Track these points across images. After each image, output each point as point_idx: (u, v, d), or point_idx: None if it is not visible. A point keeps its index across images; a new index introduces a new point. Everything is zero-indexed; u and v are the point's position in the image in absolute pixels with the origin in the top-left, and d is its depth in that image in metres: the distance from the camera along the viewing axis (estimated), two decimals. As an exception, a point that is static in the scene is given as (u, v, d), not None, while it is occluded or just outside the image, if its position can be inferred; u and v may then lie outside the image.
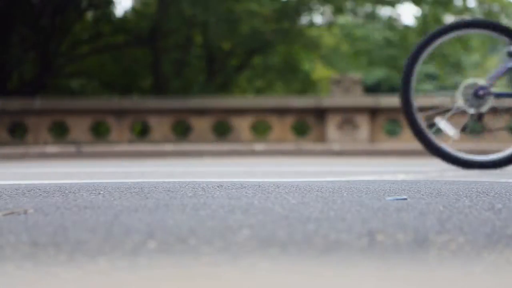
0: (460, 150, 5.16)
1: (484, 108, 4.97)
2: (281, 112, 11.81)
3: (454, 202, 2.02)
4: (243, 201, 2.01)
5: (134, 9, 19.31)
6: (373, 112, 11.85)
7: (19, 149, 10.30)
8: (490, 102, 4.99)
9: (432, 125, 5.06)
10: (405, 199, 2.14)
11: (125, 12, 19.50)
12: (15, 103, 11.77)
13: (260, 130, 12.64)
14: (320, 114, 11.72)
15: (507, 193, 2.27)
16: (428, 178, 3.95)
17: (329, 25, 20.16)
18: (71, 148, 10.28)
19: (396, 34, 18.87)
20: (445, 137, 5.05)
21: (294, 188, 2.40)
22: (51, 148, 10.37)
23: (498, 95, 5.03)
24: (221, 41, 18.04)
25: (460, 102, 5.01)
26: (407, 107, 5.01)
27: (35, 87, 15.28)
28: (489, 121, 5.15)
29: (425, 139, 5.01)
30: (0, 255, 1.40)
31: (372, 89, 26.21)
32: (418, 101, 5.11)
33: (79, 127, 11.70)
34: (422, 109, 5.13)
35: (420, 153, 10.82)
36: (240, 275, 1.25)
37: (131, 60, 18.21)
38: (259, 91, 20.57)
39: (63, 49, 17.07)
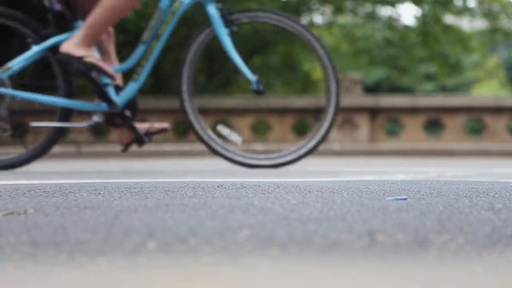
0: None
1: None
2: (281, 112, 11.82)
3: (454, 202, 2.02)
4: (243, 201, 2.01)
5: (134, 9, 19.32)
6: (373, 112, 11.85)
7: (19, 149, 10.29)
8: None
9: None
10: (405, 199, 2.14)
11: (125, 12, 19.48)
12: (15, 103, 11.76)
13: (260, 130, 12.64)
14: (320, 114, 11.72)
15: (507, 193, 2.27)
16: (428, 178, 3.95)
17: (329, 25, 20.17)
18: (71, 148, 10.29)
19: (396, 34, 18.87)
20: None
21: (294, 188, 2.40)
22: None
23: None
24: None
25: None
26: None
27: (35, 87, 15.27)
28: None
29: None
30: (0, 255, 1.40)
31: (372, 89, 26.20)
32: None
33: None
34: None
35: (420, 153, 10.82)
36: (240, 275, 1.25)
37: (131, 60, 18.19)
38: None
39: (63, 49, 17.05)
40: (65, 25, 4.85)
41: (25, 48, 5.28)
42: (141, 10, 19.09)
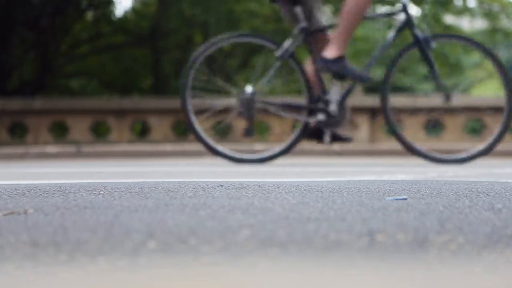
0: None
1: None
2: (281, 112, 11.79)
3: (454, 202, 2.02)
4: (243, 201, 2.01)
5: (134, 9, 19.30)
6: (373, 112, 11.84)
7: (19, 149, 10.30)
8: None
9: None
10: (405, 199, 2.14)
11: (125, 12, 19.48)
12: (15, 103, 11.76)
13: (260, 130, 12.63)
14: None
15: (507, 193, 2.27)
16: (428, 178, 3.95)
17: (329, 25, 20.15)
18: (71, 148, 10.28)
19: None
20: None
21: (294, 188, 2.40)
22: (51, 148, 10.37)
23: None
24: (221, 41, 18.02)
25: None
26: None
27: (35, 87, 15.28)
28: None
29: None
30: (0, 255, 1.40)
31: (372, 89, 26.18)
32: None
33: (79, 127, 11.70)
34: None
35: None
36: (240, 275, 1.25)
37: (131, 60, 18.19)
38: (259, 91, 20.54)
39: (63, 49, 17.06)
40: None
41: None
42: (141, 10, 19.09)
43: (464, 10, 17.65)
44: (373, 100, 11.82)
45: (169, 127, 11.82)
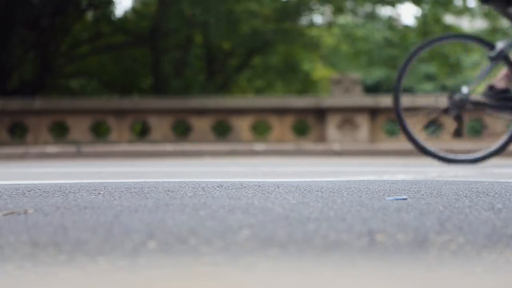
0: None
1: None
2: (281, 112, 11.81)
3: (454, 202, 2.02)
4: (243, 201, 2.01)
5: (134, 9, 19.30)
6: (373, 112, 11.84)
7: (19, 149, 10.30)
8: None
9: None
10: (405, 199, 2.14)
11: (125, 12, 19.49)
12: (15, 103, 11.76)
13: (260, 130, 12.63)
14: (320, 114, 11.71)
15: (507, 193, 2.27)
16: (428, 178, 3.95)
17: (329, 25, 20.16)
18: (71, 148, 10.28)
19: (396, 34, 18.86)
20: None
21: (294, 188, 2.40)
22: (51, 148, 10.37)
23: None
24: (221, 41, 18.04)
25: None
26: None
27: (35, 87, 15.28)
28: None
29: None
30: (0, 255, 1.40)
31: (372, 89, 26.19)
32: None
33: (79, 127, 11.70)
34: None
35: (420, 153, 10.81)
36: (240, 275, 1.25)
37: (131, 60, 18.20)
38: (259, 91, 20.55)
39: (63, 49, 17.06)
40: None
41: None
42: (141, 10, 19.09)
43: (464, 10, 17.67)
44: (373, 100, 11.82)
45: (169, 127, 11.82)
